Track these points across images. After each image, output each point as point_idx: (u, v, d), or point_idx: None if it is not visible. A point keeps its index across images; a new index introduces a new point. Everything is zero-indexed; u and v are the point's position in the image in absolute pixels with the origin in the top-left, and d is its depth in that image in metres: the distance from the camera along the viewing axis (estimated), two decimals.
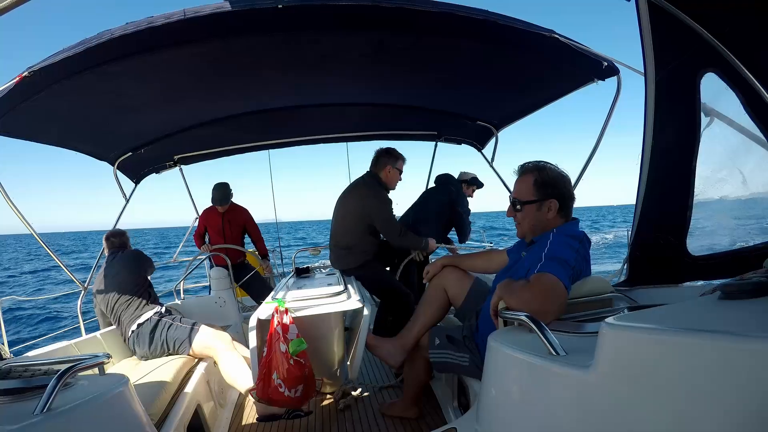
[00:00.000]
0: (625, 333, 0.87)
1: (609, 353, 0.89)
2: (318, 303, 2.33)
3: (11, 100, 2.23)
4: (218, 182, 4.66)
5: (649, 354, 0.80)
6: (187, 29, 1.97)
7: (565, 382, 1.03)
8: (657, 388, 0.76)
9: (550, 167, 1.80)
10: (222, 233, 4.68)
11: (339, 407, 2.77)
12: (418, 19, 2.09)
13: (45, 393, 1.17)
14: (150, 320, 2.88)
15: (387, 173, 3.29)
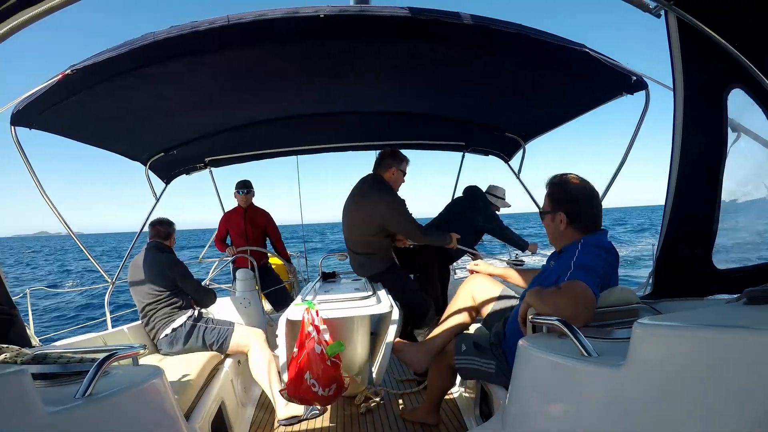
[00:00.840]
0: (658, 331, 0.90)
1: (642, 351, 0.92)
2: (347, 306, 2.37)
3: (52, 97, 2.30)
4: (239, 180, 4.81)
5: (681, 351, 0.83)
6: (229, 35, 2.03)
7: (598, 382, 1.06)
8: (688, 384, 0.79)
9: (567, 181, 1.86)
10: (245, 235, 4.76)
11: (360, 411, 2.81)
12: (453, 31, 2.13)
13: (86, 378, 1.22)
14: (184, 325, 2.90)
15: (391, 175, 3.28)
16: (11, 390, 0.96)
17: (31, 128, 2.56)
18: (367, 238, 3.24)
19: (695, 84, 1.97)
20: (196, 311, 3.04)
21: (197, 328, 2.91)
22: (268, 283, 4.71)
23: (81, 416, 1.13)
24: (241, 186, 4.76)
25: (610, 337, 1.38)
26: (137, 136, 3.36)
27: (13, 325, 1.92)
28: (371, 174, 3.37)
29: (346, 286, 3.10)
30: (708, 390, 0.75)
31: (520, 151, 4.22)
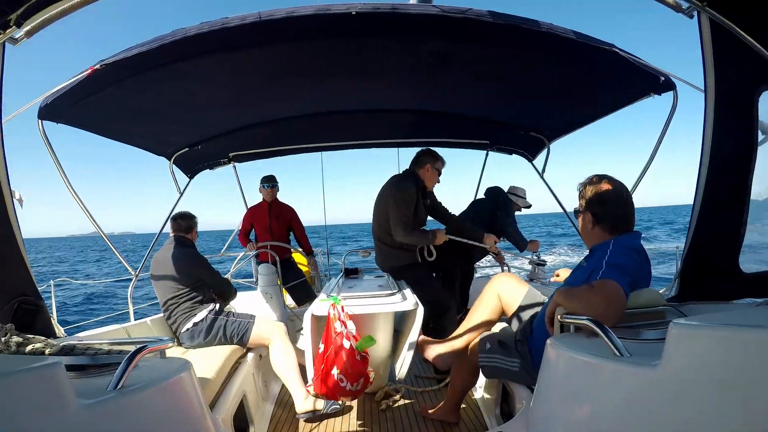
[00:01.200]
0: (694, 331, 0.91)
1: (677, 351, 0.92)
2: (372, 302, 2.40)
3: (80, 92, 2.32)
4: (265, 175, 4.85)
5: (717, 351, 0.84)
6: (259, 31, 2.04)
7: (632, 381, 1.07)
8: (724, 384, 0.80)
9: (598, 182, 1.88)
10: (269, 230, 4.79)
11: (381, 407, 2.83)
12: (483, 30, 2.13)
13: (118, 371, 1.23)
14: (205, 319, 2.92)
15: (426, 171, 3.36)
16: (46, 383, 0.97)
17: (58, 122, 2.58)
18: (386, 226, 3.28)
19: (726, 85, 1.95)
20: (217, 305, 3.05)
21: (218, 321, 2.93)
22: (291, 278, 4.75)
23: (113, 409, 1.15)
24: (266, 180, 4.79)
25: (639, 338, 1.38)
26: (163, 131, 3.40)
27: (39, 315, 1.95)
28: (405, 170, 3.45)
29: (369, 283, 3.12)
30: (744, 391, 0.76)
31: (545, 150, 4.17)
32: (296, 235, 5.02)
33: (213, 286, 3.13)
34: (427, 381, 3.28)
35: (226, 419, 2.27)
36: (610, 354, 1.19)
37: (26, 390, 0.93)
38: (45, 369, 0.97)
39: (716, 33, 1.87)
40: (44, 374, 0.97)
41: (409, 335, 2.43)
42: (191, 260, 3.05)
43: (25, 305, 1.87)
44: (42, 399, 0.95)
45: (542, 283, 3.99)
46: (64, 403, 0.98)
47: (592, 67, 2.56)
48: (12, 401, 0.89)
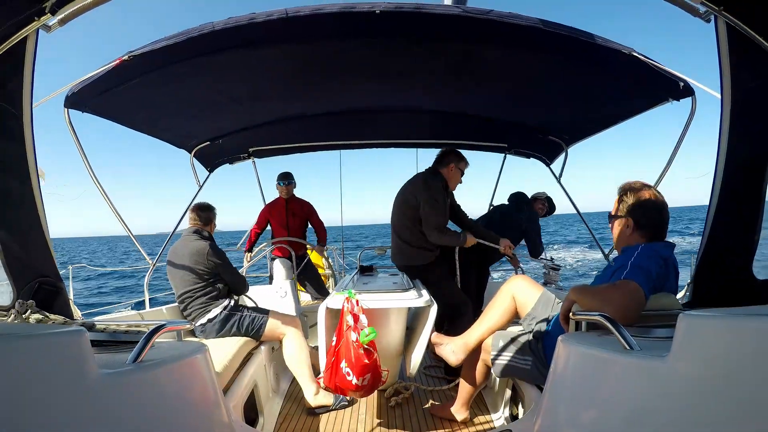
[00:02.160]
0: (704, 321, 0.92)
1: (688, 341, 0.94)
2: (386, 297, 2.42)
3: (107, 82, 2.38)
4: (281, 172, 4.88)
5: (728, 341, 0.84)
6: (285, 28, 2.09)
7: (642, 374, 1.08)
8: (735, 374, 0.80)
9: (639, 189, 1.91)
10: (286, 225, 4.83)
11: (390, 404, 2.86)
12: (506, 32, 2.16)
13: (138, 345, 1.29)
14: (219, 315, 2.93)
15: (449, 171, 3.36)
16: (71, 348, 1.00)
17: (83, 111, 2.65)
18: (408, 223, 3.30)
19: (743, 90, 1.94)
20: (232, 301, 3.05)
21: (233, 317, 2.95)
22: (306, 274, 4.80)
23: (131, 380, 1.20)
24: (282, 177, 4.83)
25: (650, 336, 1.40)
26: (185, 124, 3.45)
27: (59, 297, 2.00)
28: (429, 168, 3.46)
29: (384, 280, 3.15)
30: (756, 381, 0.76)
31: (562, 154, 4.17)
32: (315, 226, 5.02)
33: (229, 281, 3.13)
34: (437, 380, 3.30)
35: (236, 407, 2.32)
36: (620, 349, 1.21)
37: (51, 353, 0.96)
38: (71, 334, 1.01)
39: (733, 37, 1.87)
40: (70, 339, 1.01)
41: (422, 333, 2.44)
42: (209, 254, 3.02)
43: (45, 286, 1.92)
44: (66, 364, 0.98)
45: (556, 287, 3.99)
46: (86, 369, 1.02)
47: (611, 71, 2.57)
48: (37, 364, 0.92)
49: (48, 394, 0.92)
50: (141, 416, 1.20)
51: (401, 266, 3.39)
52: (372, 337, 2.12)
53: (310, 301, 4.84)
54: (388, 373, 2.34)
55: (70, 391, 0.98)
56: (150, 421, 1.23)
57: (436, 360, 3.52)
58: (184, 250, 3.05)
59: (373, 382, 2.19)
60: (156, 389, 1.31)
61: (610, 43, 2.23)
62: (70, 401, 0.97)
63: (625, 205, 1.90)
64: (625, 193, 1.92)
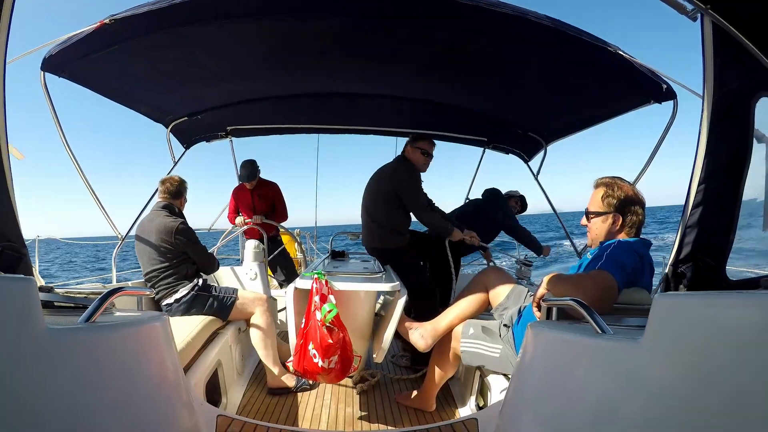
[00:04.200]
0: (679, 300, 0.91)
1: (662, 321, 0.91)
2: (355, 280, 2.39)
3: (86, 46, 2.28)
4: (245, 160, 4.75)
5: (702, 320, 0.82)
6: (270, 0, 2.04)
7: (615, 356, 1.05)
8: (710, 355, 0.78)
9: (621, 184, 1.90)
10: (252, 208, 4.77)
11: (356, 391, 2.82)
12: (492, 20, 2.13)
13: (91, 305, 1.21)
14: (187, 296, 2.82)
15: (413, 153, 3.39)
16: (16, 296, 0.91)
17: (60, 76, 2.55)
18: (381, 206, 3.30)
19: (725, 90, 1.96)
20: (200, 281, 2.93)
21: (201, 298, 2.86)
22: (277, 257, 4.74)
23: (80, 338, 1.11)
24: (244, 177, 4.69)
25: (622, 324, 1.38)
26: (163, 97, 3.36)
27: (22, 263, 1.90)
28: (398, 156, 3.48)
29: (355, 264, 3.11)
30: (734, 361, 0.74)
31: (541, 152, 4.19)
32: (276, 210, 4.93)
33: (197, 259, 3.02)
34: (404, 369, 3.28)
35: (198, 384, 2.26)
36: (592, 334, 1.19)
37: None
38: (17, 281, 0.92)
39: (718, 37, 1.88)
40: (15, 286, 0.91)
41: (390, 320, 2.41)
42: (177, 232, 2.88)
43: (8, 251, 1.83)
44: (8, 313, 0.88)
45: (528, 282, 4.01)
46: (31, 321, 0.93)
47: (595, 67, 2.56)
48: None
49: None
50: (88, 380, 1.10)
51: (373, 249, 3.37)
52: (333, 314, 2.06)
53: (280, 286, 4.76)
54: (360, 359, 2.30)
55: (11, 343, 0.89)
56: (98, 387, 1.14)
57: (404, 349, 3.50)
58: (151, 225, 2.92)
59: (342, 367, 2.12)
60: (108, 353, 1.21)
61: (597, 40, 2.22)
62: (10, 355, 0.88)
63: (611, 200, 1.88)
64: (610, 188, 1.89)
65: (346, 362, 2.14)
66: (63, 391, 1.01)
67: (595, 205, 1.93)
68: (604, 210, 1.89)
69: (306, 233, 6.21)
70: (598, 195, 1.92)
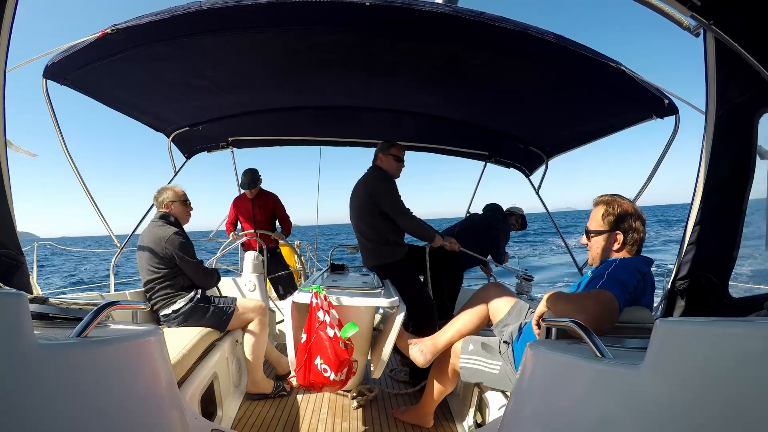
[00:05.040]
0: (680, 327, 0.88)
1: (662, 347, 0.89)
2: (354, 295, 2.36)
3: (89, 55, 2.29)
4: (247, 168, 4.75)
5: (703, 348, 0.80)
6: (273, 12, 2.03)
7: (613, 381, 1.03)
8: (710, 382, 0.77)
9: (621, 202, 1.88)
10: (252, 219, 4.76)
11: (353, 405, 2.79)
12: (495, 36, 2.13)
13: (84, 320, 1.19)
14: (185, 307, 2.79)
15: (385, 161, 3.33)
16: (7, 310, 0.90)
17: (62, 84, 2.55)
18: (367, 221, 3.25)
19: (728, 106, 1.94)
20: (199, 292, 2.88)
21: (199, 309, 2.82)
22: (276, 269, 4.71)
23: (71, 354, 1.10)
24: (245, 184, 4.70)
25: (623, 346, 1.36)
26: (165, 107, 3.35)
27: (19, 271, 1.90)
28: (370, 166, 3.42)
29: (354, 279, 3.08)
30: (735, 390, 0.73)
31: (543, 166, 4.18)
32: (280, 219, 4.95)
33: (191, 275, 2.93)
34: (402, 384, 3.24)
35: (193, 396, 2.24)
36: (591, 356, 1.16)
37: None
38: (7, 296, 0.91)
39: (721, 52, 1.87)
40: (6, 302, 0.90)
41: (389, 335, 2.38)
42: (168, 241, 2.83)
43: (5, 258, 1.82)
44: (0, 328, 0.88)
45: (529, 297, 3.98)
46: (22, 337, 0.92)
47: (597, 83, 2.55)
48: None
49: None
50: (80, 396, 1.08)
51: (372, 267, 3.32)
52: (353, 332, 2.07)
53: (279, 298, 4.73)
54: (357, 363, 2.29)
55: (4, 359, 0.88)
56: (90, 402, 1.12)
57: (403, 363, 3.46)
58: (149, 236, 2.90)
59: (348, 376, 2.13)
60: (99, 368, 1.19)
61: (599, 56, 2.21)
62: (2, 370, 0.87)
63: (611, 218, 1.85)
64: (610, 206, 1.87)
65: (350, 371, 2.15)
66: (55, 406, 0.99)
67: (595, 223, 1.90)
68: (605, 228, 1.86)
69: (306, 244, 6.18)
70: (598, 213, 1.89)
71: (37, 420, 0.92)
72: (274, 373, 3.40)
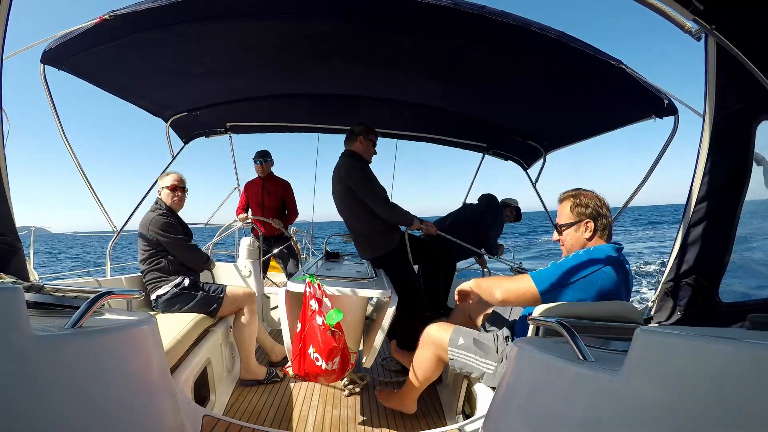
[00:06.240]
0: (660, 338, 0.89)
1: (641, 357, 0.91)
2: (347, 284, 2.38)
3: (87, 40, 2.29)
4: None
5: (681, 360, 0.82)
6: (273, 1, 2.03)
7: (592, 386, 1.05)
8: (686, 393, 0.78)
9: (585, 193, 1.97)
10: (261, 204, 4.77)
11: (344, 393, 2.82)
12: (496, 31, 2.13)
13: (79, 310, 1.21)
14: (168, 293, 2.84)
15: (360, 145, 3.25)
16: (3, 305, 0.92)
17: (60, 69, 2.55)
18: (352, 212, 3.21)
19: (726, 111, 1.95)
20: (186, 280, 2.92)
21: (185, 296, 2.86)
22: (285, 255, 4.74)
23: (67, 345, 1.11)
24: (258, 156, 4.75)
25: (607, 348, 1.38)
26: (163, 92, 3.35)
27: (15, 257, 1.91)
28: (343, 152, 3.36)
29: (348, 267, 3.10)
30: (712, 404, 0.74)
31: (540, 160, 4.19)
32: (288, 209, 4.97)
33: (177, 255, 2.98)
34: (393, 373, 3.28)
35: (186, 382, 2.26)
36: (575, 358, 1.18)
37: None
38: (4, 290, 0.93)
39: (722, 58, 1.86)
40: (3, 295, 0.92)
41: (380, 324, 2.39)
42: (152, 224, 2.91)
43: (2, 245, 1.84)
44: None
45: None
46: (17, 328, 0.94)
47: (598, 81, 2.55)
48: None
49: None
50: (75, 386, 1.11)
51: (371, 258, 3.31)
52: (338, 319, 2.08)
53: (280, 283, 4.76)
54: (356, 355, 2.32)
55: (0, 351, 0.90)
56: (84, 392, 1.14)
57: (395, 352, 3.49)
58: (141, 221, 3.01)
59: (342, 365, 2.13)
60: (95, 358, 1.21)
61: (599, 54, 2.21)
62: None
63: (580, 209, 1.93)
64: (577, 198, 1.95)
65: (345, 362, 2.16)
66: (50, 397, 1.01)
67: (565, 217, 1.98)
68: (576, 219, 1.94)
69: (302, 231, 6.21)
70: (566, 208, 1.98)
71: (34, 412, 0.94)
72: (267, 359, 3.44)
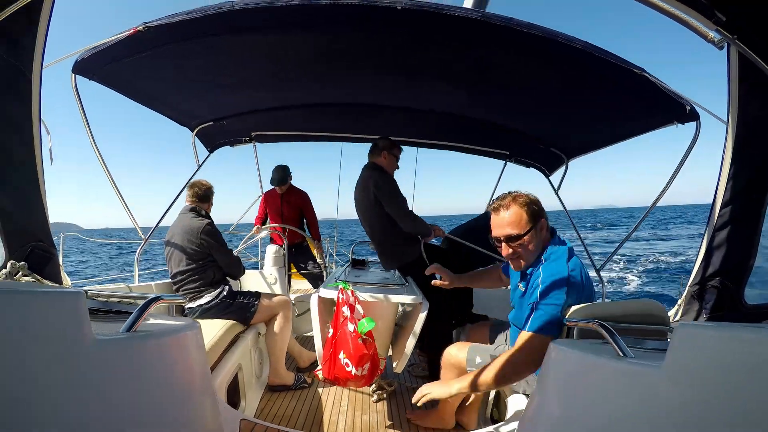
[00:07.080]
0: (700, 332, 0.93)
1: (682, 350, 0.94)
2: (378, 291, 2.42)
3: (119, 51, 2.34)
4: (278, 165, 4.86)
5: (723, 353, 0.85)
6: (304, 15, 2.06)
7: (635, 381, 1.08)
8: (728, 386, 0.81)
9: (521, 195, 1.97)
10: (280, 214, 4.85)
11: (373, 399, 2.86)
12: (522, 41, 2.16)
13: (132, 315, 1.28)
14: (212, 302, 2.88)
15: (384, 159, 3.35)
16: (70, 309, 0.97)
17: (91, 79, 2.60)
18: (376, 224, 3.28)
19: (749, 119, 1.98)
20: (226, 289, 2.98)
21: (224, 305, 2.91)
22: (305, 264, 4.80)
23: (124, 348, 1.18)
24: (275, 180, 4.82)
25: (643, 347, 1.41)
26: (191, 102, 3.41)
27: (51, 263, 1.97)
28: (366, 164, 3.45)
29: (375, 274, 3.14)
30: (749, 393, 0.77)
31: (563, 167, 4.20)
32: (307, 220, 5.05)
33: (223, 264, 3.05)
34: (420, 380, 3.30)
35: (220, 388, 2.32)
36: (614, 356, 1.22)
37: (50, 313, 0.93)
38: (71, 295, 0.98)
39: (744, 66, 1.90)
40: (70, 300, 0.97)
41: (411, 330, 2.43)
42: (202, 232, 2.93)
43: (38, 251, 1.89)
44: (63, 325, 0.95)
45: None
46: (82, 332, 0.99)
47: (620, 89, 2.58)
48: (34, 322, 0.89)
49: (42, 354, 0.90)
50: (130, 387, 1.18)
51: (397, 268, 3.35)
52: (370, 328, 2.11)
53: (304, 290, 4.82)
54: (385, 361, 2.34)
55: (66, 353, 0.96)
56: (138, 392, 1.21)
57: (422, 359, 3.52)
58: (178, 228, 2.99)
59: (372, 371, 2.17)
60: (147, 361, 1.29)
61: (623, 62, 2.24)
62: (64, 364, 0.95)
63: (533, 209, 1.92)
64: (521, 203, 1.92)
65: (374, 368, 2.19)
66: (109, 394, 1.08)
67: (520, 226, 1.91)
68: (532, 224, 1.91)
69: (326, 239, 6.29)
70: (517, 216, 1.91)
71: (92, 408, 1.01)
72: (294, 365, 3.50)
